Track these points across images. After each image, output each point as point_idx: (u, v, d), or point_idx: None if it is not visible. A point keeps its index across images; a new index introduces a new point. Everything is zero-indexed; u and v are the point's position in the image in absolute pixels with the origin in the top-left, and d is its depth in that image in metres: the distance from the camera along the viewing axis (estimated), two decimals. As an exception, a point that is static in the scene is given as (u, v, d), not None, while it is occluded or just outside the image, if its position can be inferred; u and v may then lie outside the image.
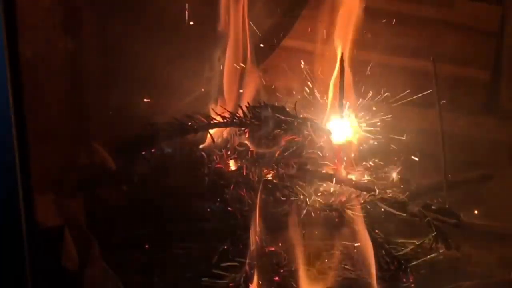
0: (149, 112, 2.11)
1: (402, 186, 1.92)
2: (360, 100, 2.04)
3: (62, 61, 1.99)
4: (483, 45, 2.34)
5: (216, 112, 1.96)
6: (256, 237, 1.61)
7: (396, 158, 2.00)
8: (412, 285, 1.66)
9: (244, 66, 2.09)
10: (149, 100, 2.16)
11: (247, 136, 1.90)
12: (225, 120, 1.93)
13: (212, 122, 1.93)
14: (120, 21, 2.13)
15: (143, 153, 1.90)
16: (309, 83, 2.15)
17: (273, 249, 1.66)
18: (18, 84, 1.29)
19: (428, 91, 2.03)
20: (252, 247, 1.61)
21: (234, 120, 1.90)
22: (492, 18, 2.34)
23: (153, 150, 1.91)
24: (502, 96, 2.34)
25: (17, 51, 1.29)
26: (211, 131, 1.94)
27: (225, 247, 1.69)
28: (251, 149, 1.87)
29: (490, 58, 2.34)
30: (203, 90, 2.18)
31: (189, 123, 1.93)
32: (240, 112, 1.92)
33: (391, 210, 1.80)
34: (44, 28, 1.86)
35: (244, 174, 1.85)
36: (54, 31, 1.91)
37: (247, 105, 1.93)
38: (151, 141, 1.91)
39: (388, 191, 1.87)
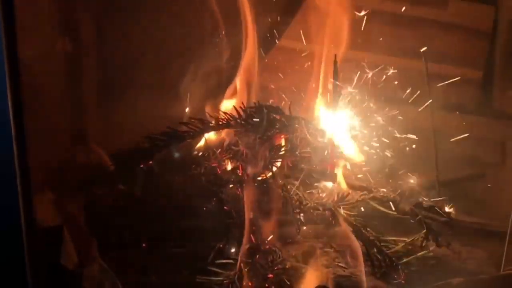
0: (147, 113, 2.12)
1: (394, 184, 1.95)
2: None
3: (60, 62, 2.01)
4: (476, 45, 2.35)
5: (211, 115, 1.96)
6: (251, 235, 1.64)
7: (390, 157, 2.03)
8: (403, 282, 1.68)
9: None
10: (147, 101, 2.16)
11: (242, 136, 1.90)
12: (220, 123, 1.91)
13: (207, 125, 1.90)
14: (119, 22, 2.15)
15: (141, 166, 1.86)
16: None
17: (267, 246, 1.68)
18: (17, 85, 1.30)
19: (421, 91, 2.06)
20: (246, 245, 1.63)
21: (230, 122, 1.90)
22: (485, 18, 2.35)
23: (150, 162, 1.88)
24: (495, 96, 2.35)
25: (16, 52, 1.29)
26: (207, 134, 1.92)
27: (221, 245, 1.71)
28: (246, 149, 1.88)
29: (483, 58, 2.35)
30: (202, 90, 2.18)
31: (185, 130, 1.88)
32: (235, 114, 1.92)
33: (383, 208, 1.83)
34: (42, 29, 1.88)
35: (240, 173, 1.86)
36: (52, 32, 1.93)
37: (242, 106, 1.95)
38: (148, 154, 1.87)
39: (380, 189, 1.89)
